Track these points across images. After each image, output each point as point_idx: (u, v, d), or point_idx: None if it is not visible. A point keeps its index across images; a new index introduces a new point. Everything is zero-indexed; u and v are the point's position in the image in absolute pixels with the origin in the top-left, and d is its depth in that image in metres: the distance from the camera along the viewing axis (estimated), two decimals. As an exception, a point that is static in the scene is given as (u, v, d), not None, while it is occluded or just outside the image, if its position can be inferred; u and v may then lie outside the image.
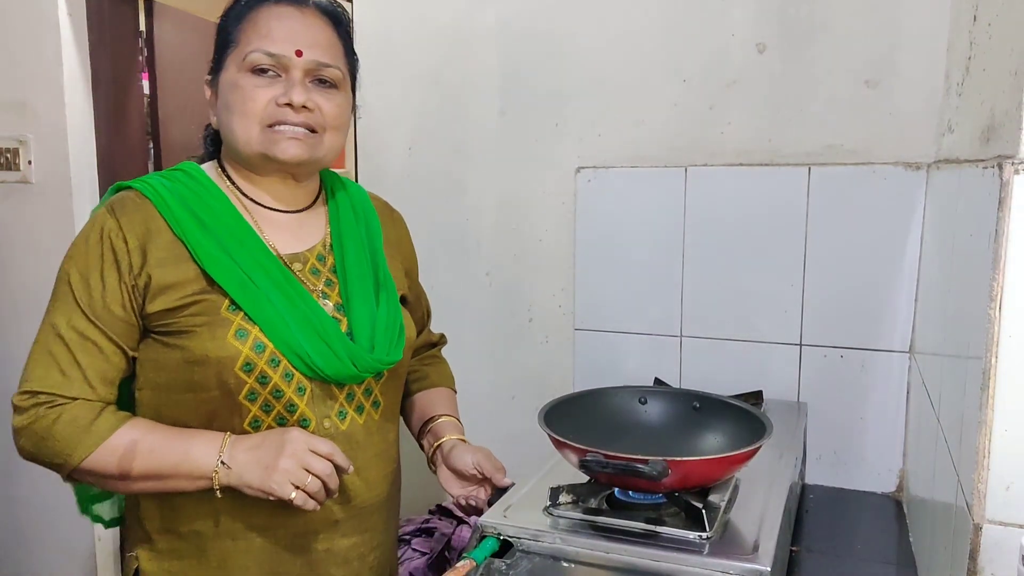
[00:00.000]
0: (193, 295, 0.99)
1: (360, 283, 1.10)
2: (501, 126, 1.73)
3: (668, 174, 1.58)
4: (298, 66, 1.02)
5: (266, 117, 1.01)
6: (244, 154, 1.04)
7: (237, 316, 0.99)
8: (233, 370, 0.98)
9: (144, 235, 1.00)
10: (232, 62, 1.03)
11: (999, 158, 0.76)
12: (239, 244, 1.02)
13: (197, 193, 1.04)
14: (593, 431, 1.12)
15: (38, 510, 2.21)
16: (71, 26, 2.03)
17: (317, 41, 1.04)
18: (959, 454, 0.84)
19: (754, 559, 0.92)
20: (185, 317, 0.99)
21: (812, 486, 1.52)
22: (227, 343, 0.98)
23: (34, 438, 0.98)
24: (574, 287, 1.69)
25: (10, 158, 2.09)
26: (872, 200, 1.43)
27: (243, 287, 0.99)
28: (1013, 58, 0.78)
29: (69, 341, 0.98)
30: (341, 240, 1.12)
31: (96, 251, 0.99)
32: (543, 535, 1.00)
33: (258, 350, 0.99)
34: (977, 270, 0.79)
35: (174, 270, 0.99)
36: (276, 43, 1.01)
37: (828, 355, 1.50)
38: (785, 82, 1.49)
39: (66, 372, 0.98)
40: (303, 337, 1.00)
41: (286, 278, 1.03)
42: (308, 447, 0.96)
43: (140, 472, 0.97)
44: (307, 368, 1.01)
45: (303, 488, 0.95)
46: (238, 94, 1.01)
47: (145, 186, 1.03)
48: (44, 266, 2.10)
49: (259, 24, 1.02)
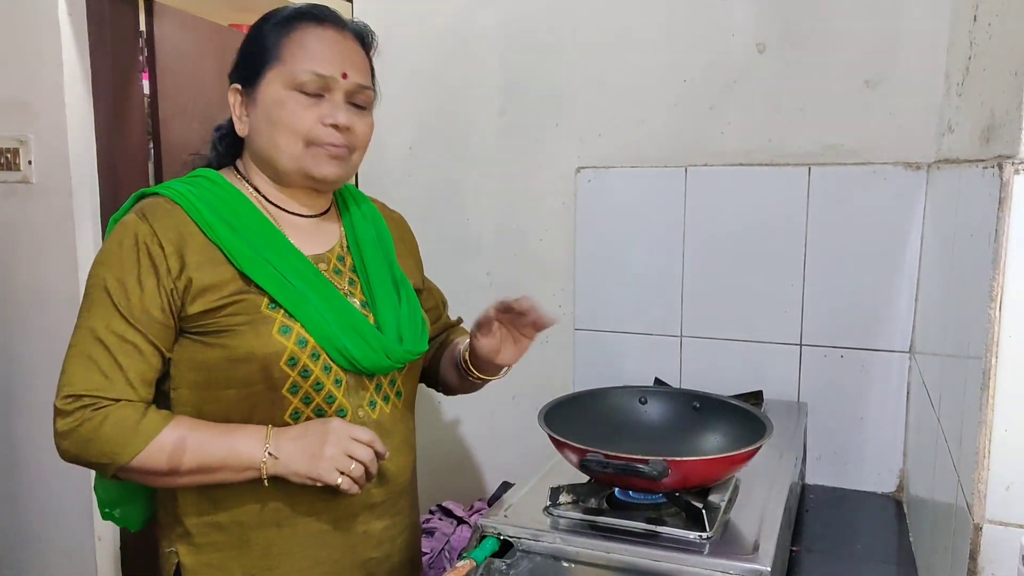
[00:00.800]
0: (232, 295, 1.03)
1: (380, 282, 1.16)
2: (501, 126, 1.73)
3: (668, 174, 1.58)
4: (342, 88, 1.07)
5: (312, 137, 1.06)
6: (284, 168, 1.09)
7: (278, 314, 1.04)
8: (278, 364, 1.03)
9: (178, 240, 1.03)
10: (277, 78, 1.07)
11: (999, 158, 0.76)
12: (270, 247, 1.07)
13: (223, 199, 1.08)
14: (593, 431, 1.12)
15: (38, 510, 2.21)
16: (71, 26, 2.03)
17: (356, 64, 1.10)
18: (959, 454, 0.84)
19: (754, 559, 0.92)
20: (225, 317, 1.03)
21: (812, 486, 1.52)
22: (272, 339, 1.03)
23: (80, 440, 0.99)
24: (574, 287, 1.69)
25: (10, 158, 2.09)
26: (872, 200, 1.43)
27: (282, 287, 1.05)
28: (1013, 58, 0.78)
29: (109, 344, 1.00)
30: (357, 242, 1.18)
31: (132, 256, 1.02)
32: (543, 535, 1.00)
33: (301, 345, 1.04)
34: (977, 270, 0.79)
35: (211, 272, 1.03)
36: (325, 65, 1.06)
37: (828, 355, 1.50)
38: (785, 82, 1.49)
39: (108, 374, 1.00)
40: (341, 332, 1.06)
41: (317, 277, 1.09)
42: (350, 435, 1.02)
43: (189, 467, 1.01)
44: (345, 361, 1.07)
45: (347, 473, 1.02)
46: (286, 112, 1.06)
47: (173, 192, 1.07)
48: (44, 266, 2.11)
49: (307, 45, 1.07)
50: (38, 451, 2.18)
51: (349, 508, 1.10)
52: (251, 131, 1.10)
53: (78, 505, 2.16)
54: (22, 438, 2.20)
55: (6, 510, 2.25)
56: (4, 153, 2.09)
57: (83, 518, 2.16)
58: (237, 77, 1.12)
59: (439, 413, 1.87)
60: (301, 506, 1.08)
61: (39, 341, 2.11)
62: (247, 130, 1.11)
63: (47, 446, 2.12)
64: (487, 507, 1.67)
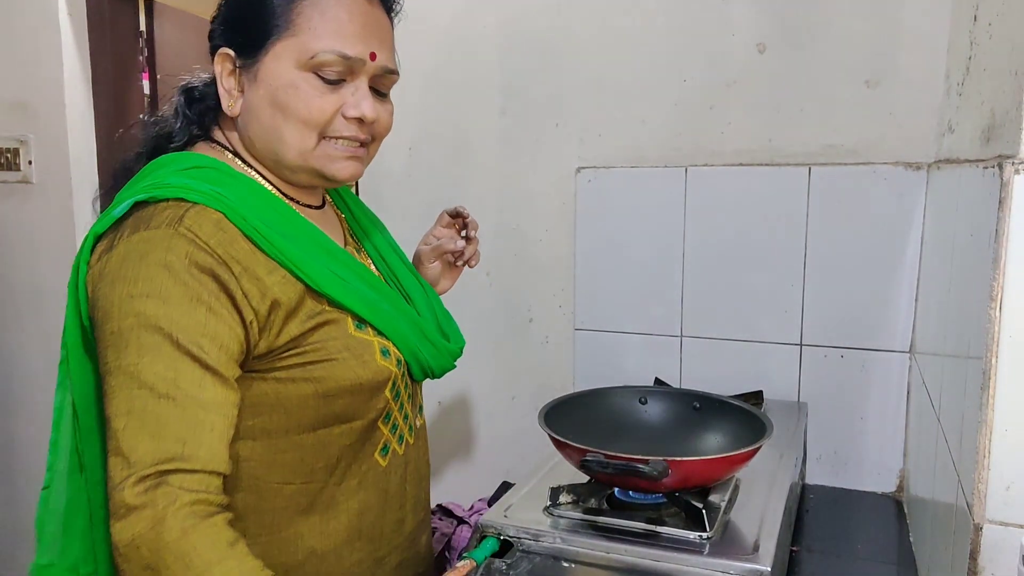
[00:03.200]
0: (315, 316, 0.85)
1: (405, 273, 1.05)
2: (501, 126, 1.73)
3: (668, 174, 1.58)
4: (368, 71, 0.89)
5: (329, 130, 0.88)
6: (289, 163, 0.89)
7: (368, 333, 0.88)
8: (383, 393, 0.89)
9: (240, 255, 0.81)
10: (287, 52, 0.85)
11: (999, 158, 0.76)
12: (325, 252, 0.88)
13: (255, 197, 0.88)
14: (593, 431, 1.11)
15: (38, 510, 2.21)
16: (71, 26, 2.03)
17: (385, 41, 0.91)
18: (959, 454, 0.84)
19: (754, 559, 0.92)
20: (313, 345, 0.84)
21: (812, 486, 1.52)
22: (379, 365, 0.87)
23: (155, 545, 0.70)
24: (574, 287, 1.69)
25: (10, 158, 2.09)
26: (872, 200, 1.43)
27: (363, 300, 0.88)
28: (1013, 58, 0.78)
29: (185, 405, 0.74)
30: (366, 234, 1.05)
31: (191, 277, 0.77)
32: (543, 535, 1.00)
33: (399, 366, 0.91)
34: (977, 270, 0.79)
35: (291, 291, 0.83)
36: (350, 42, 0.86)
37: (828, 355, 1.50)
38: (785, 82, 1.49)
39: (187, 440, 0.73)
40: (416, 340, 0.93)
41: (377, 281, 0.94)
42: None
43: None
44: (421, 372, 0.96)
45: None
46: (299, 98, 0.86)
47: (203, 196, 0.82)
48: (44, 266, 2.11)
49: (328, 13, 0.85)
50: (38, 451, 2.18)
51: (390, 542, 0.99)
52: (245, 111, 0.89)
53: (78, 505, 2.16)
54: (21, 438, 2.20)
55: (6, 510, 2.25)
56: (4, 153, 2.09)
57: (83, 518, 2.17)
58: (228, 39, 0.89)
59: (439, 413, 1.87)
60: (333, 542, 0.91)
61: (38, 341, 2.11)
62: (239, 109, 0.89)
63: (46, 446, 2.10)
64: (487, 507, 1.67)
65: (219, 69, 0.89)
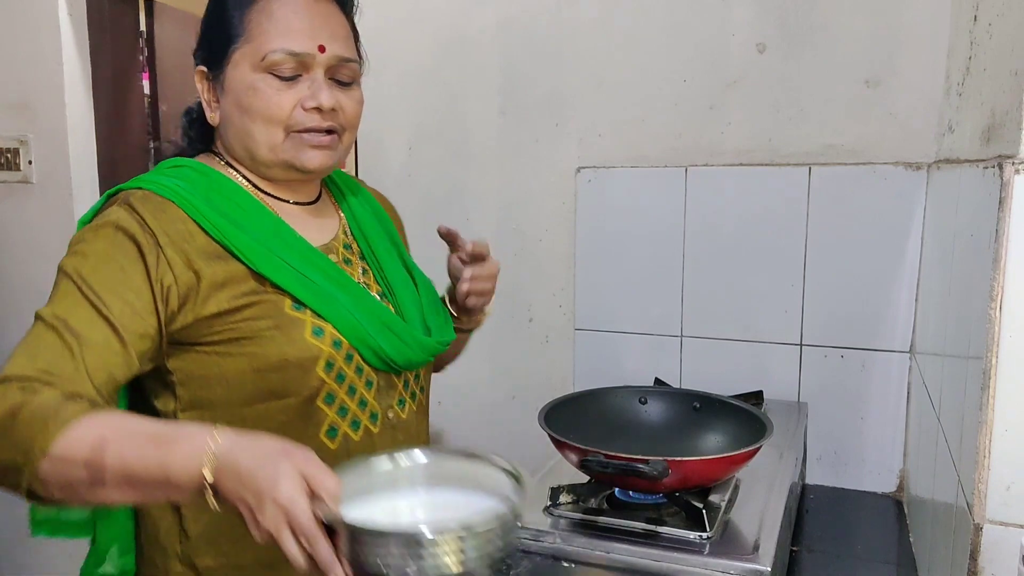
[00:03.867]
0: (249, 295, 0.91)
1: (394, 270, 1.07)
2: (501, 126, 1.73)
3: (668, 174, 1.58)
4: (321, 63, 0.95)
5: (292, 123, 0.95)
6: (264, 159, 0.97)
7: (305, 314, 0.93)
8: (315, 371, 0.92)
9: (176, 235, 0.90)
10: (244, 58, 0.94)
11: (999, 158, 0.76)
12: (279, 240, 0.95)
13: (217, 190, 0.96)
14: (593, 431, 1.12)
15: (38, 510, 2.21)
16: (71, 26, 2.03)
17: (335, 33, 0.96)
18: (959, 454, 0.84)
19: (754, 559, 0.92)
20: (245, 321, 0.91)
21: (812, 486, 1.52)
22: (307, 343, 0.92)
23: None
24: (574, 287, 1.69)
25: (10, 158, 2.09)
26: (872, 200, 1.43)
27: (303, 284, 0.94)
28: (1013, 58, 0.78)
29: (64, 334, 0.82)
30: (361, 229, 1.09)
31: (111, 243, 0.87)
32: (544, 535, 1.00)
33: (336, 347, 0.94)
34: (977, 270, 0.79)
35: (223, 268, 0.91)
36: (297, 39, 0.93)
37: (828, 355, 1.50)
38: (785, 82, 1.49)
39: (55, 361, 0.81)
40: (372, 329, 0.96)
41: (335, 271, 0.99)
42: (302, 525, 0.68)
43: (115, 465, 0.74)
44: (379, 360, 0.97)
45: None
46: (259, 99, 0.93)
47: (158, 185, 0.92)
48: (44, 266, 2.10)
49: (275, 16, 0.93)
50: (38, 451, 2.18)
51: None
52: (223, 119, 0.98)
53: (78, 505, 2.16)
54: (22, 438, 2.20)
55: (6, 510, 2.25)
56: (4, 153, 2.09)
57: (83, 518, 2.16)
58: (202, 57, 0.99)
59: (438, 413, 1.87)
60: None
61: (39, 341, 2.11)
62: (219, 118, 0.98)
63: (47, 446, 2.06)
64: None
65: (199, 86, 1.00)
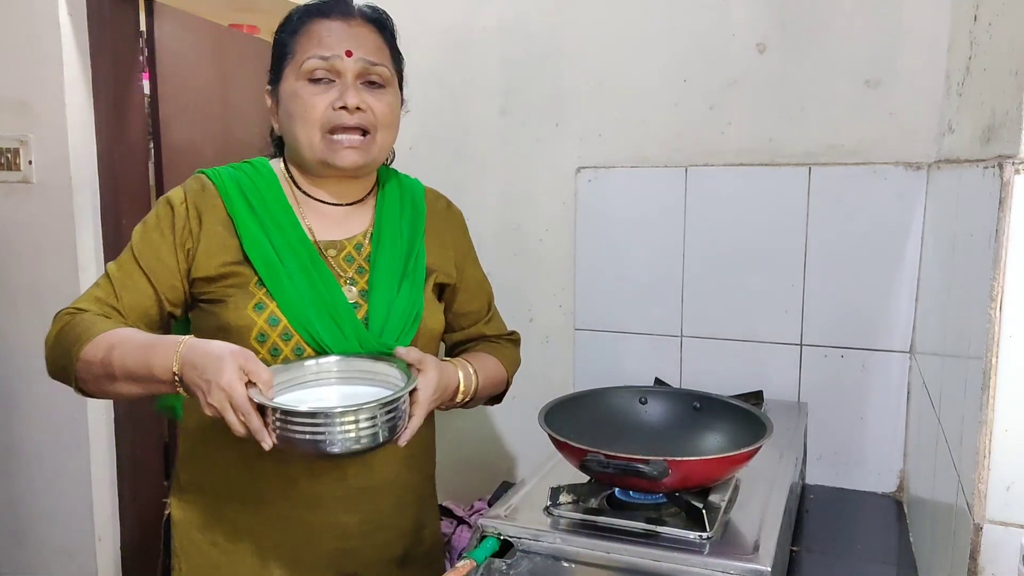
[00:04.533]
0: (229, 266, 1.09)
1: (387, 272, 1.15)
2: (501, 126, 1.73)
3: (668, 174, 1.58)
4: (349, 68, 1.09)
5: (326, 123, 1.09)
6: (307, 159, 1.12)
7: (260, 291, 1.08)
8: (248, 340, 1.06)
9: (204, 209, 1.11)
10: (290, 72, 1.11)
11: (999, 158, 0.76)
12: (277, 227, 1.11)
13: (255, 182, 1.14)
14: (593, 431, 1.11)
15: (38, 510, 2.21)
16: (71, 26, 2.03)
17: (365, 44, 1.11)
18: (959, 454, 0.84)
19: (754, 559, 0.92)
20: (221, 287, 1.09)
21: (812, 486, 1.52)
22: (245, 314, 1.07)
23: (51, 343, 1.07)
24: (574, 287, 1.69)
25: (10, 158, 2.09)
26: (872, 200, 1.43)
27: (269, 265, 1.08)
28: (1013, 58, 0.78)
29: (115, 279, 1.09)
30: (380, 231, 1.19)
31: (161, 215, 1.11)
32: (543, 535, 1.00)
33: (272, 323, 1.07)
34: (977, 270, 0.79)
35: (219, 243, 1.10)
36: (327, 47, 1.09)
37: (828, 355, 1.50)
38: (785, 82, 1.49)
39: (102, 298, 1.08)
40: (315, 315, 1.08)
41: (313, 261, 1.11)
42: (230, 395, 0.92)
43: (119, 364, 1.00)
44: (316, 344, 1.08)
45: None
46: (299, 103, 1.09)
47: (212, 172, 1.15)
48: (44, 266, 2.11)
49: (312, 36, 1.10)
50: (38, 451, 2.18)
51: (317, 497, 1.12)
52: (281, 128, 1.15)
53: (78, 505, 2.16)
54: (22, 438, 2.20)
55: (6, 510, 2.25)
56: (4, 153, 2.09)
57: (83, 518, 2.16)
58: (269, 80, 1.17)
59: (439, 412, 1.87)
60: (264, 486, 1.11)
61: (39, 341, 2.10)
62: (280, 128, 1.16)
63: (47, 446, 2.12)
64: (487, 507, 1.67)
65: (268, 104, 1.18)
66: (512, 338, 1.38)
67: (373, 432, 0.95)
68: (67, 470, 2.15)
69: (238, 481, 1.12)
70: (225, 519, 1.14)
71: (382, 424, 0.96)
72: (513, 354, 1.36)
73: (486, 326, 1.34)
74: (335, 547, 1.15)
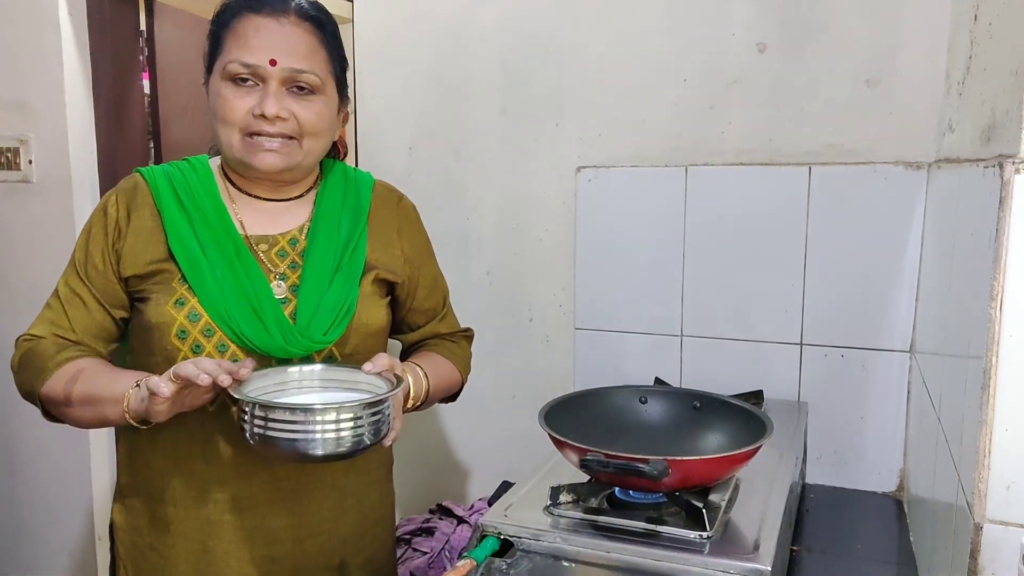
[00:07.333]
0: (156, 264, 1.08)
1: (319, 267, 1.12)
2: (501, 126, 1.73)
3: (668, 174, 1.58)
4: (273, 75, 1.06)
5: (245, 126, 1.07)
6: (229, 158, 1.11)
7: (183, 287, 1.07)
8: (169, 337, 1.05)
9: (133, 208, 1.11)
10: (217, 70, 1.08)
11: (1000, 157, 0.76)
12: (205, 222, 1.10)
13: (187, 177, 1.13)
14: (593, 431, 1.12)
15: (38, 510, 2.21)
16: (71, 26, 2.02)
17: (295, 49, 1.07)
18: (959, 453, 0.84)
19: (754, 559, 0.92)
20: (148, 285, 1.08)
21: (812, 486, 1.52)
22: (165, 310, 1.05)
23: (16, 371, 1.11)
24: (574, 287, 1.69)
25: (11, 158, 2.08)
26: (872, 200, 1.43)
27: (192, 260, 1.07)
28: (1014, 57, 0.78)
29: (63, 297, 1.10)
30: (317, 225, 1.15)
31: (96, 221, 1.12)
32: (543, 535, 1.00)
33: (192, 319, 1.05)
34: (978, 270, 0.79)
35: (147, 241, 1.09)
36: (252, 53, 1.05)
37: (828, 355, 1.50)
38: (785, 82, 1.49)
39: (55, 321, 1.10)
40: (237, 310, 1.05)
41: (240, 256, 1.09)
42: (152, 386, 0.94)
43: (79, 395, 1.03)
44: (239, 340, 1.05)
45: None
46: (220, 103, 1.07)
47: (146, 170, 1.15)
48: (44, 266, 2.10)
49: (239, 33, 1.07)
50: (38, 451, 2.17)
51: (245, 499, 1.10)
52: (211, 124, 1.13)
53: (78, 505, 2.16)
54: (22, 438, 2.19)
55: (6, 510, 2.25)
56: (4, 153, 2.09)
57: (83, 518, 2.16)
58: (204, 71, 1.14)
59: (438, 413, 1.87)
60: (196, 488, 1.10)
61: (39, 341, 2.11)
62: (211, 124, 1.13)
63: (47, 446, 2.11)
64: (487, 507, 1.67)
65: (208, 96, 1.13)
66: (467, 335, 1.37)
67: (357, 434, 0.92)
68: (67, 470, 2.15)
69: (172, 484, 1.10)
70: (161, 523, 1.12)
71: (367, 426, 0.93)
72: (467, 353, 1.35)
73: (440, 323, 1.32)
74: (264, 554, 1.12)
